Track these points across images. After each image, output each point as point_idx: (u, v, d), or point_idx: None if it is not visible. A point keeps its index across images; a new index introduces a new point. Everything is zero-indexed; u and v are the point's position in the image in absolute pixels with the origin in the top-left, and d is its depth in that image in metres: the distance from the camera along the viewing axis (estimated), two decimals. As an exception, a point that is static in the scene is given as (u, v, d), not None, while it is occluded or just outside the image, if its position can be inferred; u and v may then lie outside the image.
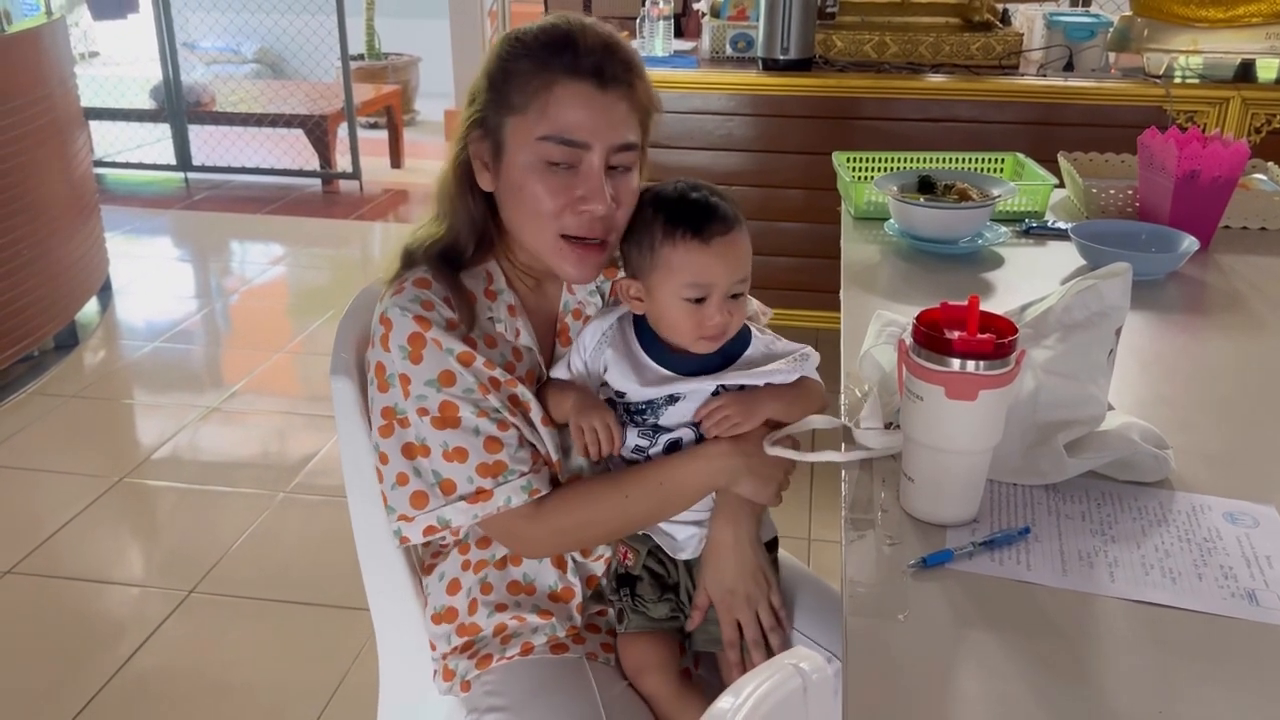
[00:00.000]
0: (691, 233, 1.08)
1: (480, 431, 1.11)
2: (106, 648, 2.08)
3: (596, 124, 1.06)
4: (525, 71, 1.06)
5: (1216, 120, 2.94)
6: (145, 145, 5.72)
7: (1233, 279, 1.64)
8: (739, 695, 0.65)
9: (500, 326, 1.16)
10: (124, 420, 3.10)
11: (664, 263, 1.10)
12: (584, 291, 1.22)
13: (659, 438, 1.16)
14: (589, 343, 1.19)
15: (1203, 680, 0.79)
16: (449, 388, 1.10)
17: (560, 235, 1.10)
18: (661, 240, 1.09)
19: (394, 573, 1.26)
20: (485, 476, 1.11)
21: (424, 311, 1.10)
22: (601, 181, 1.07)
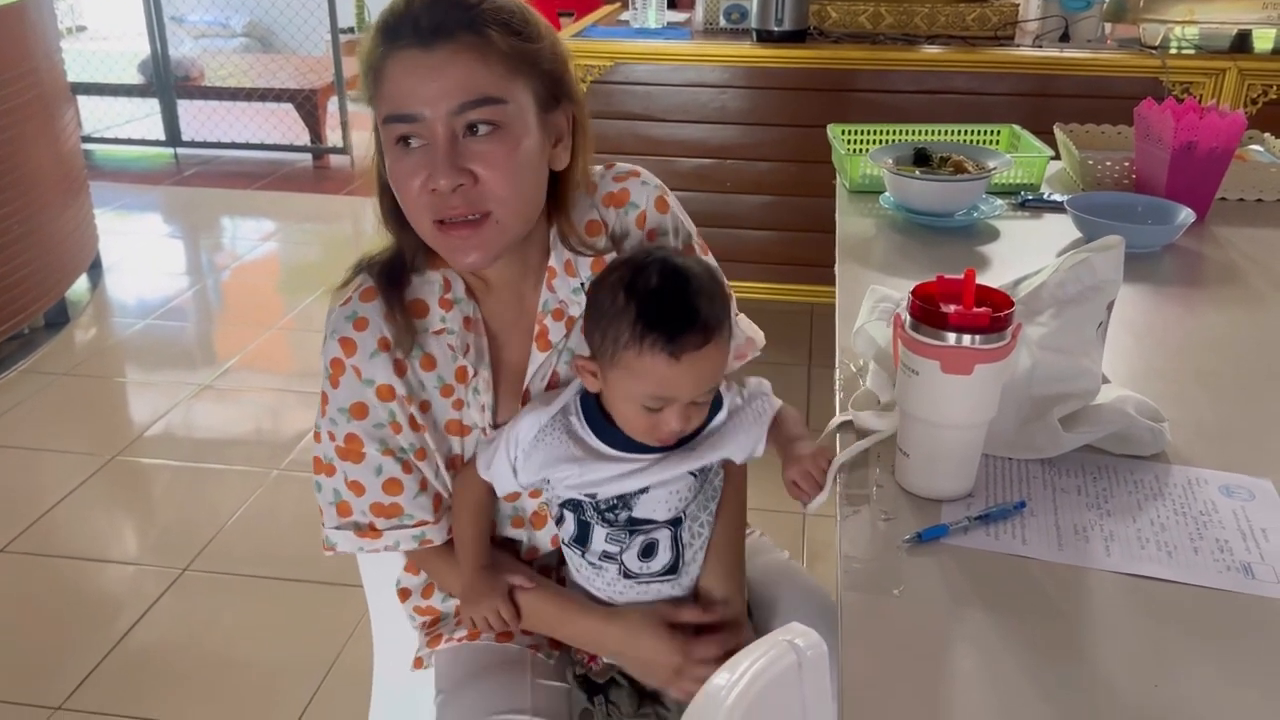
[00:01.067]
0: (663, 343, 0.96)
1: (382, 471, 1.08)
2: (102, 625, 2.08)
3: (424, 88, 0.93)
4: (371, 57, 0.96)
5: (1213, 91, 2.93)
6: (134, 120, 5.68)
7: (1229, 251, 1.64)
8: (734, 671, 0.64)
9: (451, 339, 1.07)
10: (116, 398, 3.09)
11: (625, 365, 0.99)
12: (566, 289, 1.09)
13: (632, 539, 1.08)
14: (524, 437, 1.07)
15: (1198, 654, 0.79)
16: (358, 420, 1.07)
17: (435, 221, 0.97)
18: (628, 341, 0.97)
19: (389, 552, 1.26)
20: (378, 515, 1.10)
21: (354, 333, 1.05)
22: (444, 153, 0.93)
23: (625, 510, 1.07)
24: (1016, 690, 0.75)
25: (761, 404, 1.11)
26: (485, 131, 0.95)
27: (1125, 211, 1.64)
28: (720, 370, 1.02)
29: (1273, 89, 2.88)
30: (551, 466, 1.07)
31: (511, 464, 1.08)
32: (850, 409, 1.10)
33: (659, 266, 1.00)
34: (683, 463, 1.07)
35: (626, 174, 1.14)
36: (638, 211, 1.12)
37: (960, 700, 0.75)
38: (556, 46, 1.01)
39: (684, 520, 1.09)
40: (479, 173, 0.95)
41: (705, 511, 1.11)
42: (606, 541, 1.08)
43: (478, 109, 0.94)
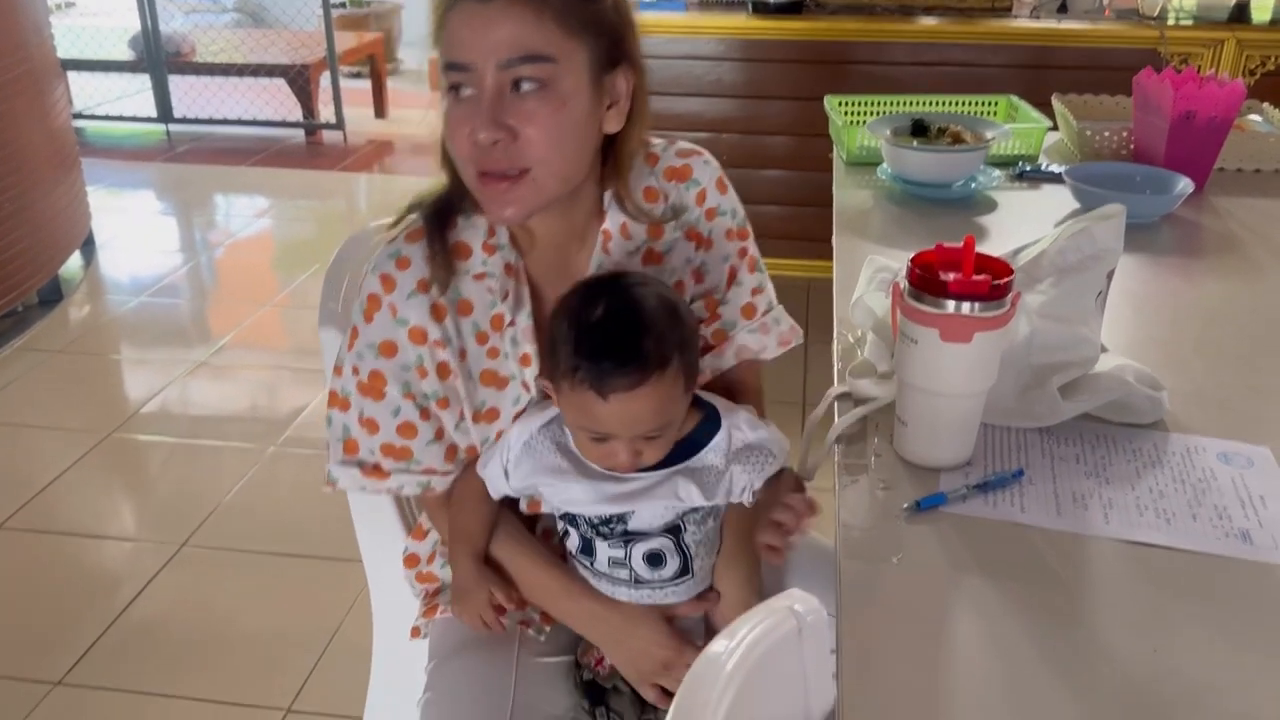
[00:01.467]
0: (590, 380, 0.94)
1: (400, 413, 1.08)
2: (101, 600, 2.08)
3: (478, 40, 0.92)
4: (439, 5, 0.96)
5: (1211, 62, 2.91)
6: (125, 97, 5.63)
7: (1228, 221, 1.63)
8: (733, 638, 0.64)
9: (491, 283, 1.06)
10: (111, 375, 3.08)
11: (563, 393, 0.98)
12: (621, 253, 1.09)
13: (632, 548, 1.06)
14: (514, 445, 1.07)
15: (1196, 619, 0.79)
16: (386, 358, 1.07)
17: (478, 173, 0.98)
18: (564, 370, 0.96)
19: (384, 524, 1.26)
20: (387, 456, 1.10)
21: (395, 271, 1.05)
22: (487, 106, 0.93)
23: (620, 524, 1.06)
24: (1016, 655, 0.76)
25: (762, 459, 1.05)
26: (531, 89, 0.94)
27: (1124, 182, 1.64)
28: (661, 411, 0.97)
29: (1271, 60, 2.87)
30: (538, 476, 1.06)
31: (504, 467, 1.08)
32: (848, 378, 1.10)
33: (609, 295, 0.98)
34: (664, 495, 1.04)
35: (690, 151, 1.14)
36: (699, 189, 1.12)
37: (960, 665, 0.75)
38: (621, 8, 1.00)
39: (684, 527, 1.06)
40: (520, 129, 0.95)
41: (712, 515, 1.08)
42: (611, 550, 1.07)
43: (525, 65, 0.93)
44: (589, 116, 0.99)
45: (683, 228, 1.12)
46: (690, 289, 1.14)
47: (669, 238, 1.12)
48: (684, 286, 1.13)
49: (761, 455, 1.05)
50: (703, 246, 1.13)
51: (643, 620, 1.09)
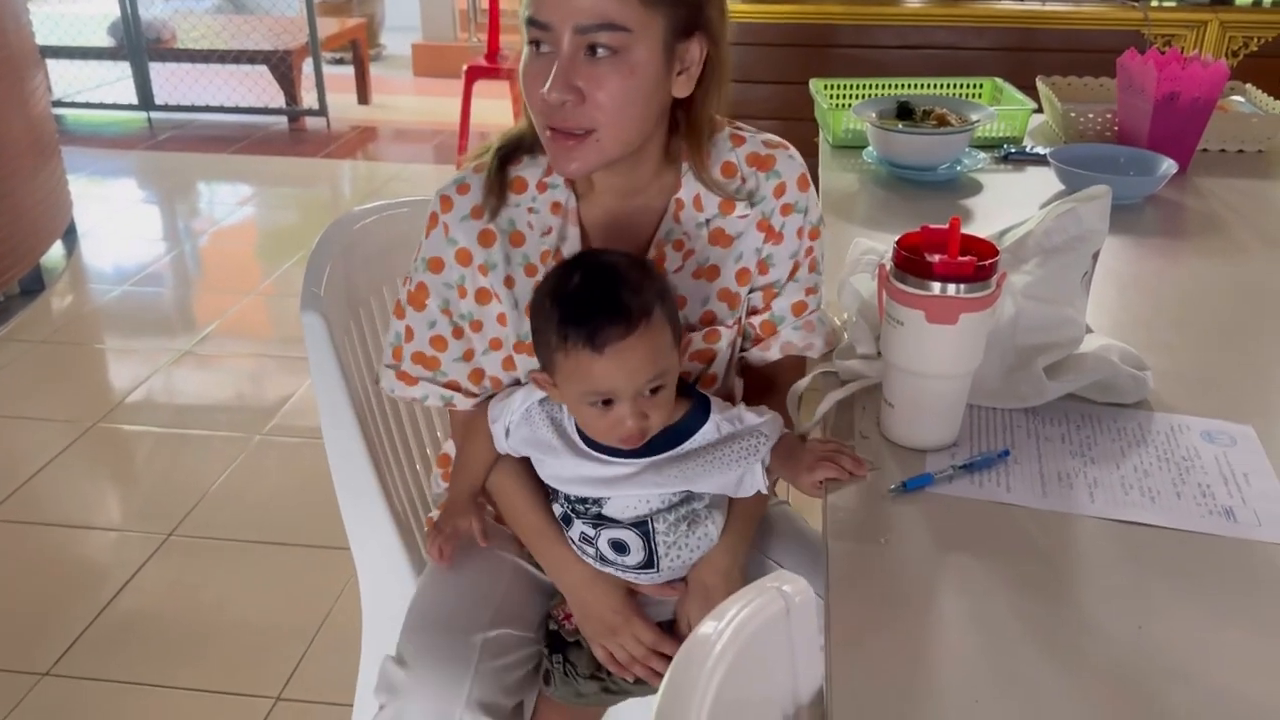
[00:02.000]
0: (583, 339, 0.96)
1: (435, 326, 1.14)
2: (88, 591, 2.07)
3: (560, 2, 0.95)
4: None
5: (1194, 43, 2.92)
6: (106, 84, 5.58)
7: (1211, 202, 1.64)
8: (721, 619, 0.65)
9: (534, 219, 1.11)
10: (95, 365, 3.06)
11: (561, 369, 1.00)
12: (691, 223, 1.11)
13: (601, 530, 1.08)
14: (517, 410, 1.10)
15: (1181, 596, 0.80)
16: (433, 273, 1.13)
17: (547, 126, 1.02)
18: (556, 344, 0.98)
19: (373, 511, 1.26)
20: (417, 364, 1.16)
21: (455, 194, 1.12)
22: (561, 67, 0.96)
23: (595, 505, 1.08)
24: (1003, 633, 0.76)
25: (754, 442, 1.04)
26: (604, 54, 0.97)
27: (1108, 163, 1.64)
28: (656, 359, 0.99)
29: (1254, 40, 2.88)
30: (530, 447, 1.10)
31: (505, 426, 1.10)
32: (834, 359, 1.11)
33: (581, 267, 1.01)
34: (654, 483, 1.05)
35: (777, 143, 1.16)
36: (779, 180, 1.14)
37: (947, 644, 0.76)
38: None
39: (651, 525, 1.07)
40: (589, 93, 0.98)
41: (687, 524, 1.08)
42: (582, 527, 1.10)
43: (600, 33, 0.96)
44: (657, 83, 1.01)
45: (756, 216, 1.13)
46: (755, 278, 1.15)
47: (741, 222, 1.13)
48: (748, 274, 1.15)
49: (753, 439, 1.04)
50: (772, 239, 1.15)
51: (602, 582, 1.11)
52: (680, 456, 1.05)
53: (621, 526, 1.07)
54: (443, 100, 5.70)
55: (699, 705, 0.57)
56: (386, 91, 6.03)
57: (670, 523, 1.07)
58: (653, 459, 1.04)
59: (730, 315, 1.14)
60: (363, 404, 1.25)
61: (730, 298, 1.14)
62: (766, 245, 1.14)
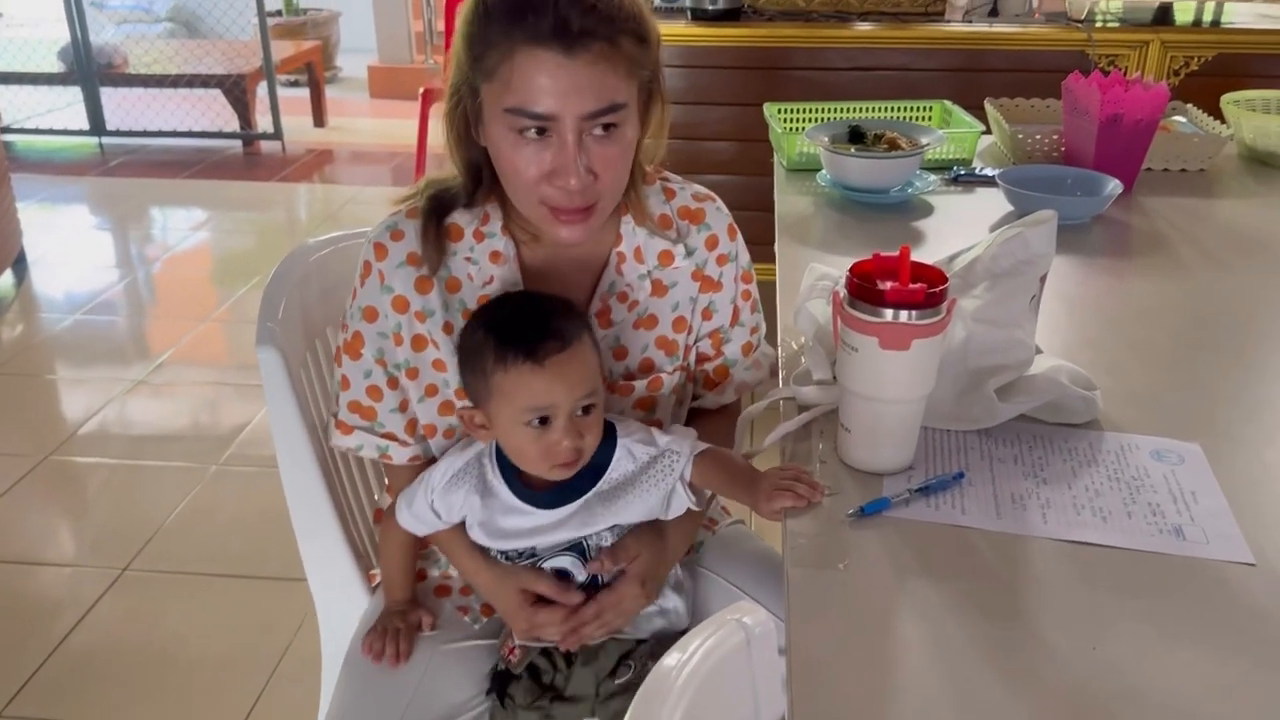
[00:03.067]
0: (523, 354, 0.99)
1: (370, 375, 1.14)
2: (41, 628, 2.03)
3: (563, 93, 0.95)
4: (491, 37, 0.96)
5: (1137, 63, 2.99)
6: (56, 110, 5.51)
7: (1155, 221, 1.68)
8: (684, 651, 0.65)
9: (473, 270, 1.10)
10: (47, 396, 3.01)
11: (498, 390, 1.01)
12: (633, 275, 1.14)
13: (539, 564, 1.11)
14: (438, 482, 1.11)
15: (1134, 615, 0.81)
16: (368, 322, 1.12)
17: (542, 203, 1.02)
18: (493, 366, 1.01)
19: (330, 542, 1.25)
20: (354, 413, 1.16)
21: (389, 242, 1.10)
22: (573, 155, 0.97)
23: (528, 556, 1.10)
24: (961, 656, 0.77)
25: (669, 462, 1.07)
26: (604, 133, 0.99)
27: (1055, 184, 1.67)
28: (589, 376, 1.02)
29: (1194, 60, 2.95)
30: (456, 513, 1.11)
31: (430, 506, 1.11)
32: (791, 384, 1.12)
33: (508, 299, 1.07)
34: (584, 524, 1.07)
35: (705, 196, 1.19)
36: (710, 233, 1.18)
37: (906, 669, 0.77)
38: (660, 45, 1.05)
39: (586, 544, 1.09)
40: (599, 171, 1.00)
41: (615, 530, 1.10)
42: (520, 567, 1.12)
43: (606, 115, 0.98)
44: (634, 146, 1.05)
45: (691, 266, 1.17)
46: (698, 325, 1.20)
47: (677, 272, 1.16)
48: (684, 322, 1.18)
49: (668, 459, 1.07)
50: (711, 289, 1.18)
51: (505, 586, 1.11)
52: (604, 494, 1.07)
53: (559, 554, 1.09)
54: (399, 122, 5.69)
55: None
56: (343, 114, 6.01)
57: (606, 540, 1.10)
58: (580, 501, 1.07)
59: (669, 362, 1.18)
60: (320, 437, 1.24)
61: (668, 345, 1.17)
62: (706, 294, 1.19)
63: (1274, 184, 1.85)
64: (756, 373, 1.26)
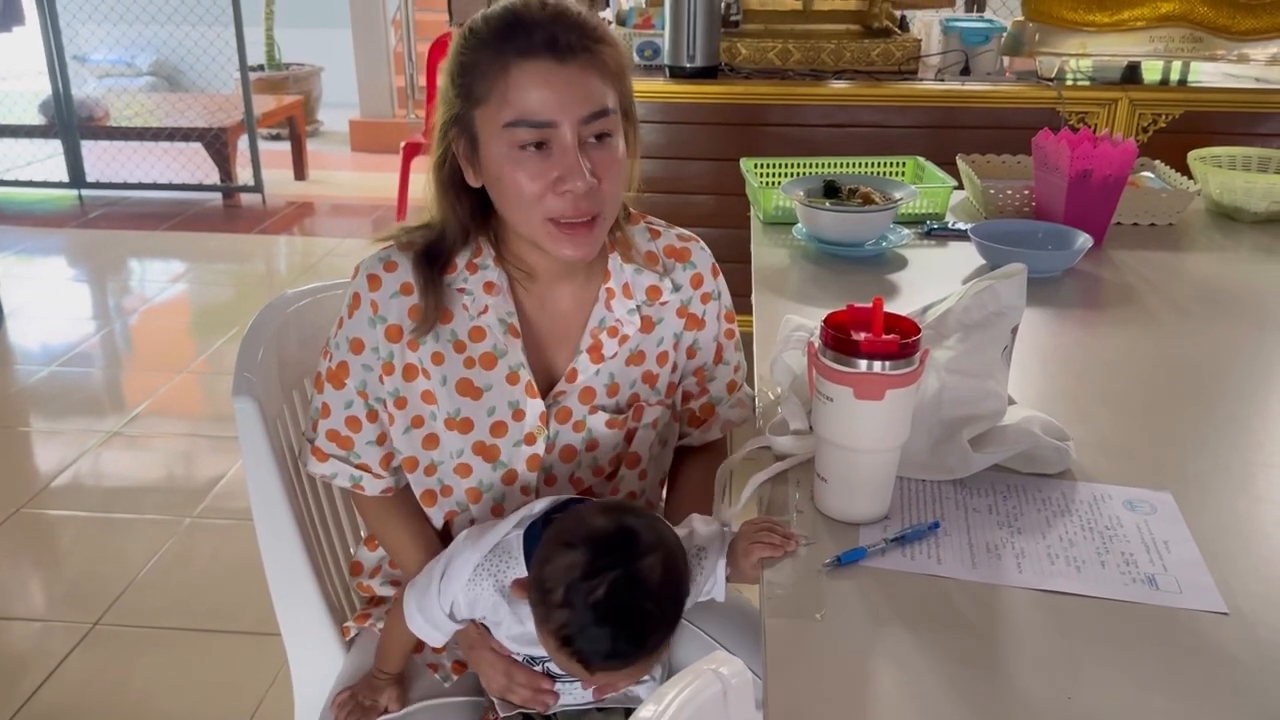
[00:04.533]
0: (579, 658, 0.91)
1: (350, 406, 1.15)
2: (7, 685, 1.99)
3: (560, 98, 0.99)
4: (482, 62, 1.01)
5: (1106, 120, 3.05)
6: (36, 162, 5.52)
7: (1125, 274, 1.70)
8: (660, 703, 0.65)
9: (468, 300, 1.11)
10: (20, 448, 2.98)
11: (545, 636, 0.94)
12: (622, 310, 1.16)
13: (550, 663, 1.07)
14: (458, 579, 1.03)
15: (1108, 663, 0.82)
16: (354, 354, 1.13)
17: (548, 219, 1.04)
18: (554, 629, 0.92)
19: (305, 596, 1.24)
20: (331, 441, 1.16)
21: (383, 273, 1.11)
22: (577, 158, 1.01)
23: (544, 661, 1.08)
24: (938, 706, 0.77)
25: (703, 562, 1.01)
26: (599, 141, 1.03)
27: (1026, 238, 1.70)
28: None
29: (1162, 118, 3.02)
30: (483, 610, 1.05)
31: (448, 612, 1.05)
32: (767, 434, 1.12)
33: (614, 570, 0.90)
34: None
35: (689, 237, 1.23)
36: (695, 271, 1.21)
37: (884, 718, 0.77)
38: (630, 73, 1.08)
39: None
40: (600, 175, 1.03)
41: None
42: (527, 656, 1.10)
43: (600, 120, 1.02)
44: (624, 163, 1.07)
45: (676, 303, 1.20)
46: (682, 363, 1.23)
47: (663, 308, 1.19)
48: (667, 357, 1.20)
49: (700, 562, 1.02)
50: (695, 326, 1.21)
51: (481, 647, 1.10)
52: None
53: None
54: (380, 175, 5.73)
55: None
56: (324, 167, 6.04)
57: None
58: None
59: (652, 394, 1.20)
60: (295, 489, 1.24)
61: (650, 378, 1.20)
62: (691, 332, 1.21)
63: (1240, 237, 1.89)
64: (741, 411, 1.27)
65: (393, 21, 6.65)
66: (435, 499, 1.16)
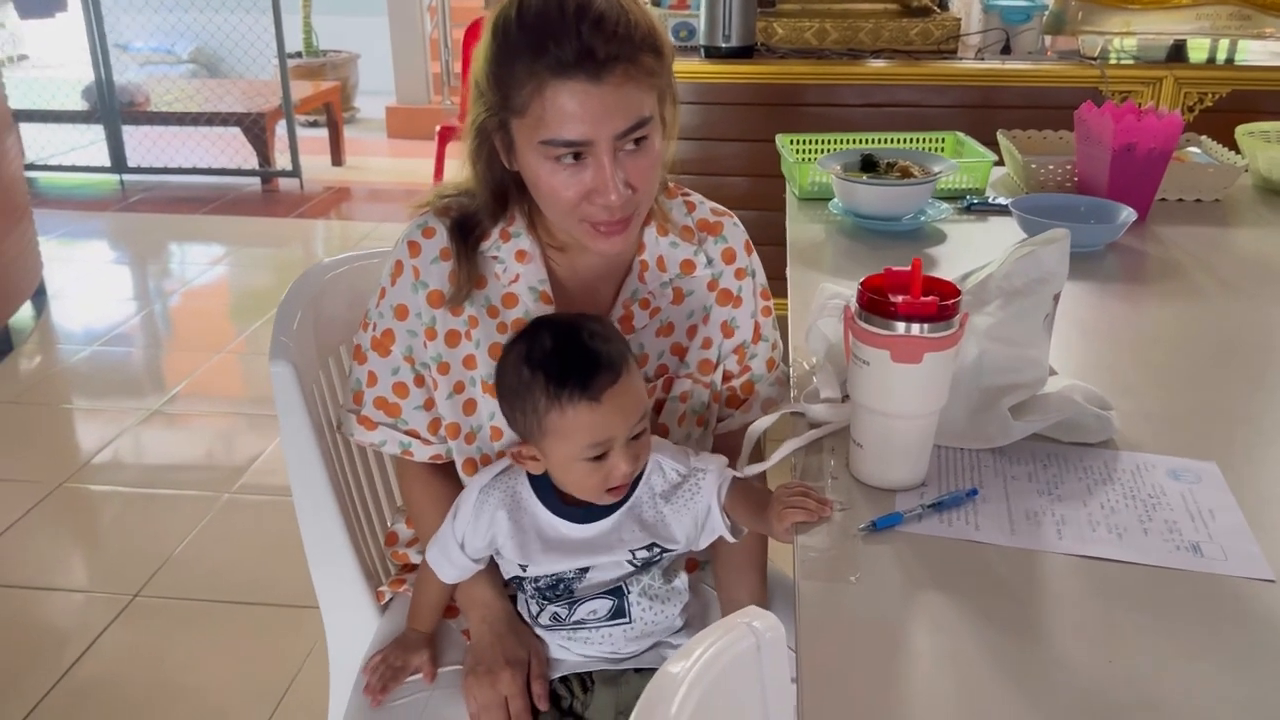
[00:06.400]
0: (579, 393, 0.98)
1: (398, 372, 1.15)
2: (48, 656, 2.02)
3: (594, 118, 0.97)
4: (518, 73, 0.98)
5: (1151, 99, 2.99)
6: (79, 148, 5.59)
7: (1170, 248, 1.67)
8: (689, 658, 0.64)
9: (499, 268, 1.12)
10: (63, 425, 3.02)
11: (554, 430, 1.00)
12: (655, 282, 1.16)
13: (576, 608, 1.10)
14: (466, 508, 1.09)
15: (1150, 630, 0.80)
16: (399, 320, 1.13)
17: (582, 220, 1.04)
18: (547, 406, 0.99)
19: (340, 560, 1.24)
20: (379, 409, 1.17)
21: (422, 239, 1.12)
22: (610, 174, 1.00)
23: (566, 596, 1.09)
24: (973, 670, 0.76)
25: (698, 479, 1.07)
26: (635, 147, 1.01)
27: (1068, 212, 1.67)
28: (642, 399, 1.03)
29: (1208, 96, 2.96)
30: (494, 531, 1.08)
31: (459, 542, 1.09)
32: (802, 401, 1.11)
33: (544, 328, 1.03)
34: (618, 545, 1.06)
35: (723, 211, 1.22)
36: (727, 245, 1.20)
37: (917, 680, 0.75)
38: (673, 55, 1.07)
39: (625, 587, 1.09)
40: (635, 184, 1.02)
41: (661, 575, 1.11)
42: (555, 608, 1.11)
43: (636, 131, 1.00)
44: (661, 151, 1.06)
45: (707, 276, 1.19)
46: (718, 341, 1.21)
47: (694, 280, 1.18)
48: (696, 330, 1.19)
49: (695, 479, 1.07)
50: (732, 303, 1.20)
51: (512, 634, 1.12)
52: (636, 511, 1.07)
53: (598, 597, 1.09)
54: (416, 161, 5.75)
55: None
56: (360, 153, 6.07)
57: (644, 583, 1.10)
58: (614, 516, 1.06)
59: (681, 367, 1.19)
60: (331, 453, 1.24)
61: (679, 350, 1.19)
62: (725, 308, 1.20)
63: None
64: (780, 389, 1.25)
65: (428, 8, 6.67)
66: (475, 467, 1.16)
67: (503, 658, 1.09)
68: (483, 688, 1.08)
